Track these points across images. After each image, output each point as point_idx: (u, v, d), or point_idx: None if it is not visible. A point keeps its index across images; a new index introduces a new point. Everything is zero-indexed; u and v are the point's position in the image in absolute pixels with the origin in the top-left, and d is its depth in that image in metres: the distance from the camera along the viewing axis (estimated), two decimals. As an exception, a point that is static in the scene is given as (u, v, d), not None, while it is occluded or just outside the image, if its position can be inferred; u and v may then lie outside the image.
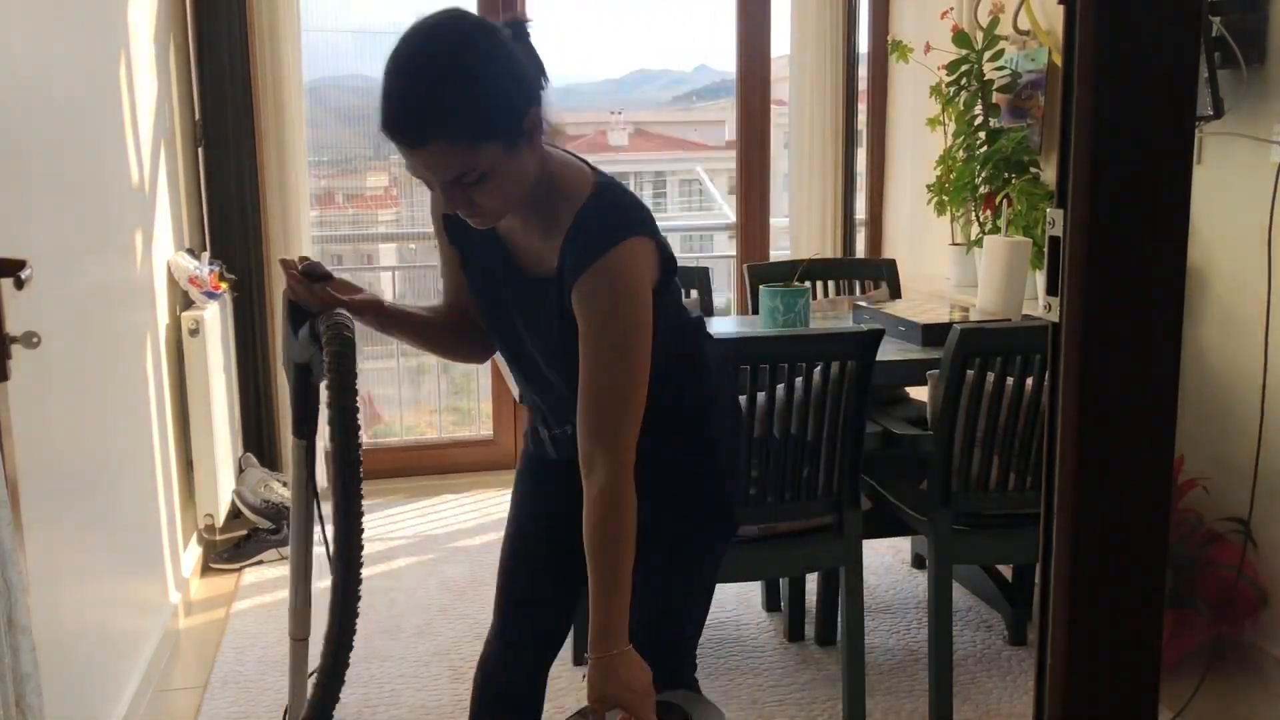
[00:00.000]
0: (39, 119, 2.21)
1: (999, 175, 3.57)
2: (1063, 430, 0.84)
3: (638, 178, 13.07)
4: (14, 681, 1.55)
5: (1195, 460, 2.82)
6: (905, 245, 4.48)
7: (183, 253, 3.50)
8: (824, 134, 4.41)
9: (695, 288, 3.52)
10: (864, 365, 2.36)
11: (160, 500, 3.04)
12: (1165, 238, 0.81)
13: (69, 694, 2.17)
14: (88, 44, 2.61)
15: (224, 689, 2.79)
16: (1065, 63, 0.82)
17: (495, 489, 4.32)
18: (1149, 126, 0.79)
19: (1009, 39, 3.68)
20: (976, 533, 2.56)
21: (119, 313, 2.76)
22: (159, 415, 3.09)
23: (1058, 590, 0.85)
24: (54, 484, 2.14)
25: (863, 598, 2.51)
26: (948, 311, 2.98)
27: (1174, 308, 0.82)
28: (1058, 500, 0.85)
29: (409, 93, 1.45)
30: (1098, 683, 0.86)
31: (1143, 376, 0.82)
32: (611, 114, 12.72)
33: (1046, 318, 0.87)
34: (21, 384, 1.87)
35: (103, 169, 2.69)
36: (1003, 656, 2.92)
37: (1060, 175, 0.83)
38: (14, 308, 1.79)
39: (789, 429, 2.36)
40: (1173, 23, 0.78)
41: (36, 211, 2.15)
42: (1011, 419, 2.48)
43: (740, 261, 4.58)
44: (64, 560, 2.19)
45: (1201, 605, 2.64)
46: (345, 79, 4.67)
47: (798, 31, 4.39)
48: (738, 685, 2.79)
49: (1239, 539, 2.67)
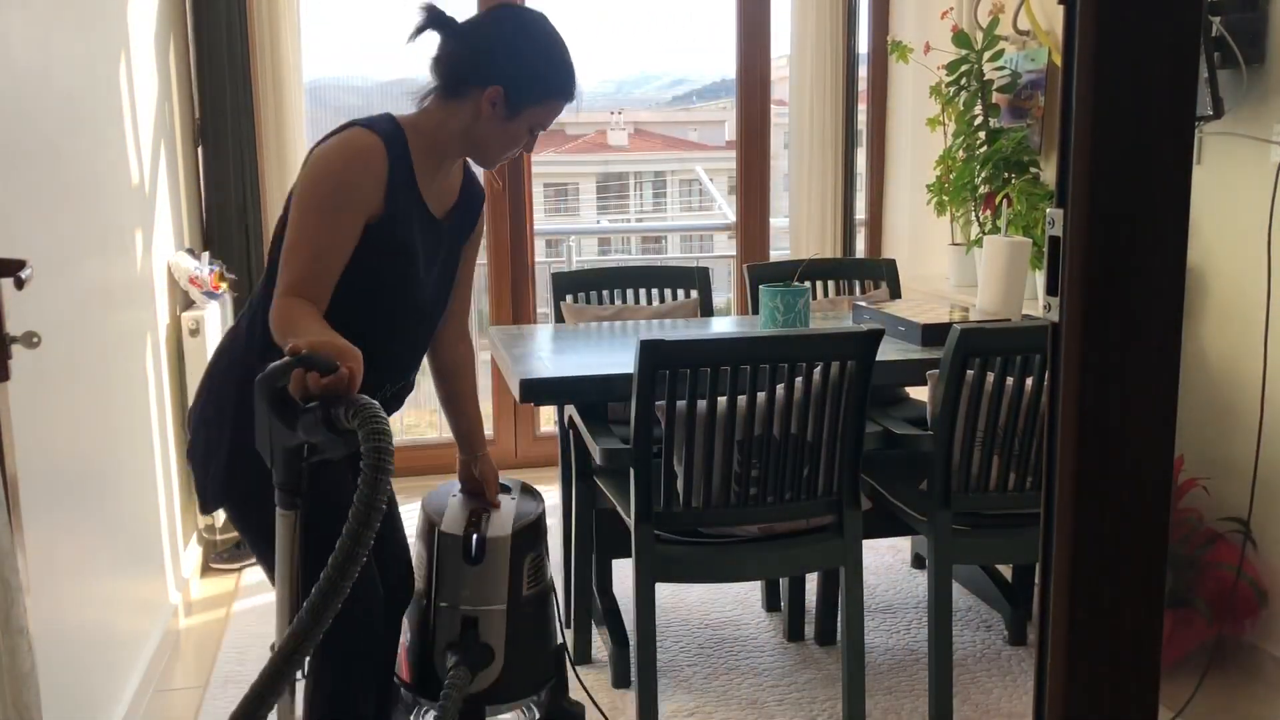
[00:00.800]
0: (39, 119, 2.21)
1: (999, 175, 3.57)
2: (1063, 430, 0.84)
3: (638, 178, 13.07)
4: (12, 681, 1.55)
5: (1195, 460, 2.82)
6: (905, 245, 4.48)
7: (183, 253, 3.50)
8: (824, 134, 4.41)
9: (695, 288, 3.53)
10: (864, 365, 2.36)
11: (160, 500, 3.04)
12: (1165, 238, 0.81)
13: (69, 694, 2.17)
14: (88, 44, 2.61)
15: (224, 689, 2.79)
16: (1065, 63, 0.82)
17: (495, 489, 4.32)
18: (1149, 126, 0.79)
19: (1009, 39, 3.68)
20: (976, 533, 2.56)
21: (119, 313, 2.76)
22: (159, 415, 3.09)
23: (1058, 590, 0.85)
24: (54, 484, 2.14)
25: (863, 598, 2.51)
26: (948, 311, 2.98)
27: (1174, 308, 0.82)
28: (1058, 500, 0.85)
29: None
30: (1098, 683, 0.86)
31: (1143, 376, 0.82)
32: (611, 114, 12.69)
33: (1046, 318, 0.87)
34: (21, 384, 1.87)
35: (103, 169, 2.69)
36: (1003, 656, 2.92)
37: (1060, 175, 0.83)
38: (14, 308, 1.79)
39: (789, 429, 2.36)
40: (1173, 23, 0.78)
41: (36, 211, 2.15)
42: (1011, 419, 2.48)
43: (740, 261, 4.59)
44: (64, 560, 2.19)
45: (1201, 605, 2.64)
46: (345, 79, 4.67)
47: (798, 31, 4.39)
48: (738, 685, 2.79)
49: (1239, 539, 2.67)
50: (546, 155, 12.56)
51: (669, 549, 2.42)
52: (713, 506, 2.38)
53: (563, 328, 3.25)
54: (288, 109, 3.93)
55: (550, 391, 2.60)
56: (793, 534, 2.50)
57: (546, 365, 2.70)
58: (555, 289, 3.44)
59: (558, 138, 12.96)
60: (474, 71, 1.85)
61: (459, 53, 1.86)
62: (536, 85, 1.87)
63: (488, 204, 3.34)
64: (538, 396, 2.60)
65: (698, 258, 5.48)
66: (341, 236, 1.76)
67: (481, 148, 1.92)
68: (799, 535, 2.50)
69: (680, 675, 2.84)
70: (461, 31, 1.87)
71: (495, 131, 1.88)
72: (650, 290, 3.54)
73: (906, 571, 3.50)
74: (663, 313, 3.47)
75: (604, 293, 3.49)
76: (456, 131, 1.89)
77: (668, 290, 3.55)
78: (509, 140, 1.91)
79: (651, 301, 3.54)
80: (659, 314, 3.46)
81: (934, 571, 2.53)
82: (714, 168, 10.88)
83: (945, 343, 2.45)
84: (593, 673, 2.85)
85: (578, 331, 3.18)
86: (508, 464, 4.48)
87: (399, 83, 4.59)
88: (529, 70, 1.86)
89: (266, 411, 1.50)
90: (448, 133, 1.89)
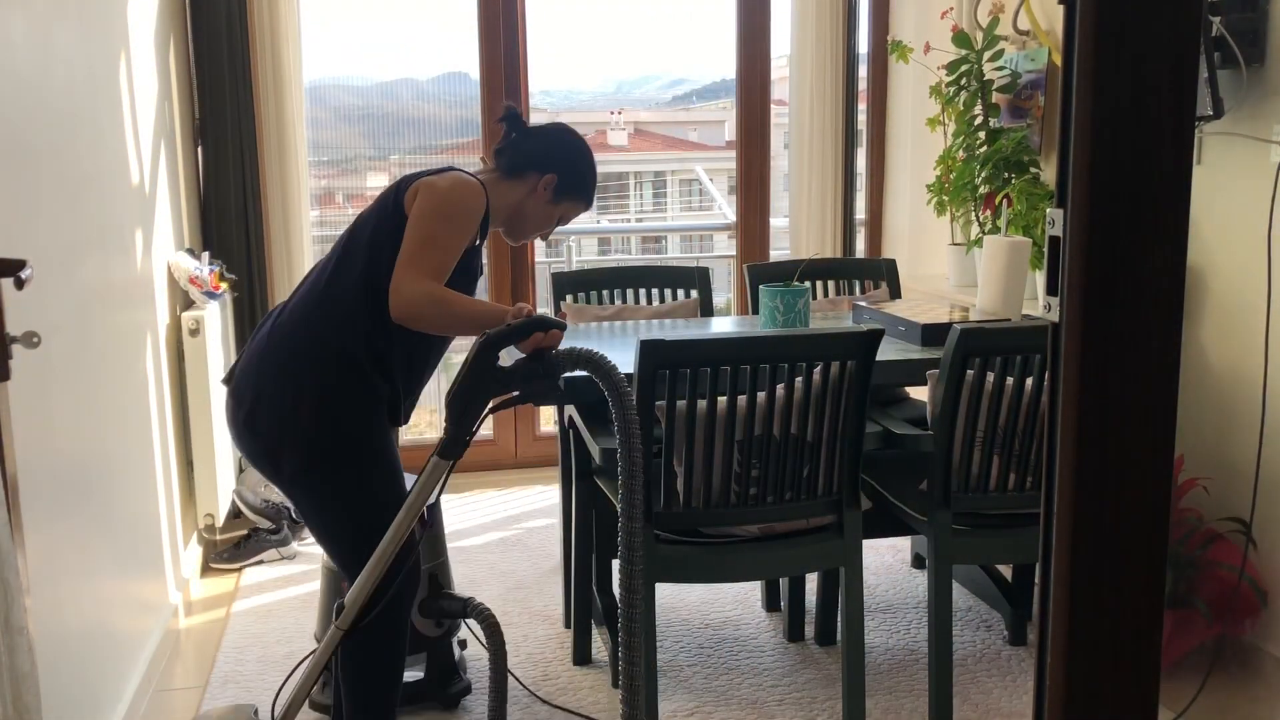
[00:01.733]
0: (39, 119, 2.21)
1: (999, 175, 3.57)
2: (1063, 430, 0.84)
3: (638, 178, 13.07)
4: (12, 681, 1.55)
5: (1195, 460, 2.82)
6: (905, 245, 4.48)
7: (183, 253, 3.50)
8: (824, 134, 4.41)
9: (695, 288, 3.53)
10: (864, 365, 2.36)
11: (160, 500, 3.04)
12: (1165, 238, 0.81)
13: (69, 694, 2.17)
14: (88, 44, 2.61)
15: (224, 689, 2.79)
16: (1065, 63, 0.82)
17: (495, 489, 4.33)
18: (1149, 126, 0.79)
19: (1009, 39, 3.68)
20: (976, 533, 2.56)
21: (119, 312, 2.76)
22: (159, 415, 3.09)
23: (1058, 590, 0.85)
24: (54, 484, 2.14)
25: (863, 598, 2.51)
26: (948, 311, 2.98)
27: (1174, 308, 0.82)
28: (1058, 500, 0.85)
29: None
30: (1098, 683, 0.86)
31: (1143, 376, 0.82)
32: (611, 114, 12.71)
33: (1046, 318, 0.87)
34: (21, 384, 1.87)
35: (103, 169, 2.69)
36: (1003, 656, 2.92)
37: (1060, 175, 0.83)
38: (14, 308, 1.79)
39: (789, 429, 2.36)
40: (1173, 23, 0.78)
41: (37, 211, 2.15)
42: (1011, 419, 2.48)
43: (740, 261, 4.59)
44: (64, 560, 2.19)
45: (1201, 605, 2.64)
46: (345, 79, 4.67)
47: (798, 31, 4.39)
48: (738, 685, 2.79)
49: (1239, 539, 2.67)
50: (546, 155, 12.48)
51: (669, 549, 2.42)
52: (713, 506, 2.38)
53: (563, 328, 3.24)
54: (288, 109, 3.93)
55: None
56: (793, 534, 2.50)
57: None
58: (555, 289, 3.44)
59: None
60: (538, 161, 2.34)
61: (526, 146, 2.35)
62: (579, 182, 2.38)
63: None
64: (538, 396, 2.60)
65: (698, 258, 5.48)
66: (459, 248, 2.17)
67: (521, 220, 2.38)
68: (799, 535, 2.50)
69: (680, 675, 2.84)
70: (530, 130, 2.39)
71: (540, 210, 2.37)
72: (650, 290, 3.54)
73: (906, 571, 3.50)
74: (663, 313, 3.47)
75: (604, 293, 3.49)
76: (512, 203, 2.35)
77: (668, 290, 3.55)
78: (545, 220, 2.39)
79: (651, 301, 3.54)
80: (659, 314, 3.46)
81: (934, 571, 2.53)
82: (714, 168, 10.88)
83: (945, 343, 2.45)
84: (593, 673, 2.85)
85: (578, 331, 3.18)
86: (508, 464, 4.49)
87: (399, 83, 4.59)
88: (578, 170, 2.38)
89: (485, 366, 1.86)
90: (504, 201, 2.34)
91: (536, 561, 3.61)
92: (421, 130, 4.43)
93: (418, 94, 4.56)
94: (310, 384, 2.12)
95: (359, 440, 2.14)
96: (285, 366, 2.14)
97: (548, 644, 3.01)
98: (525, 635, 3.07)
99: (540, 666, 2.88)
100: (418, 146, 4.44)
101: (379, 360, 2.15)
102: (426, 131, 4.45)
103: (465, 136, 4.44)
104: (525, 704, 2.70)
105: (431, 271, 2.10)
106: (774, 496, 2.40)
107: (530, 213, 2.37)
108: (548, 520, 3.95)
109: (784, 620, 3.07)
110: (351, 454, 2.13)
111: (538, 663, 2.91)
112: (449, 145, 4.50)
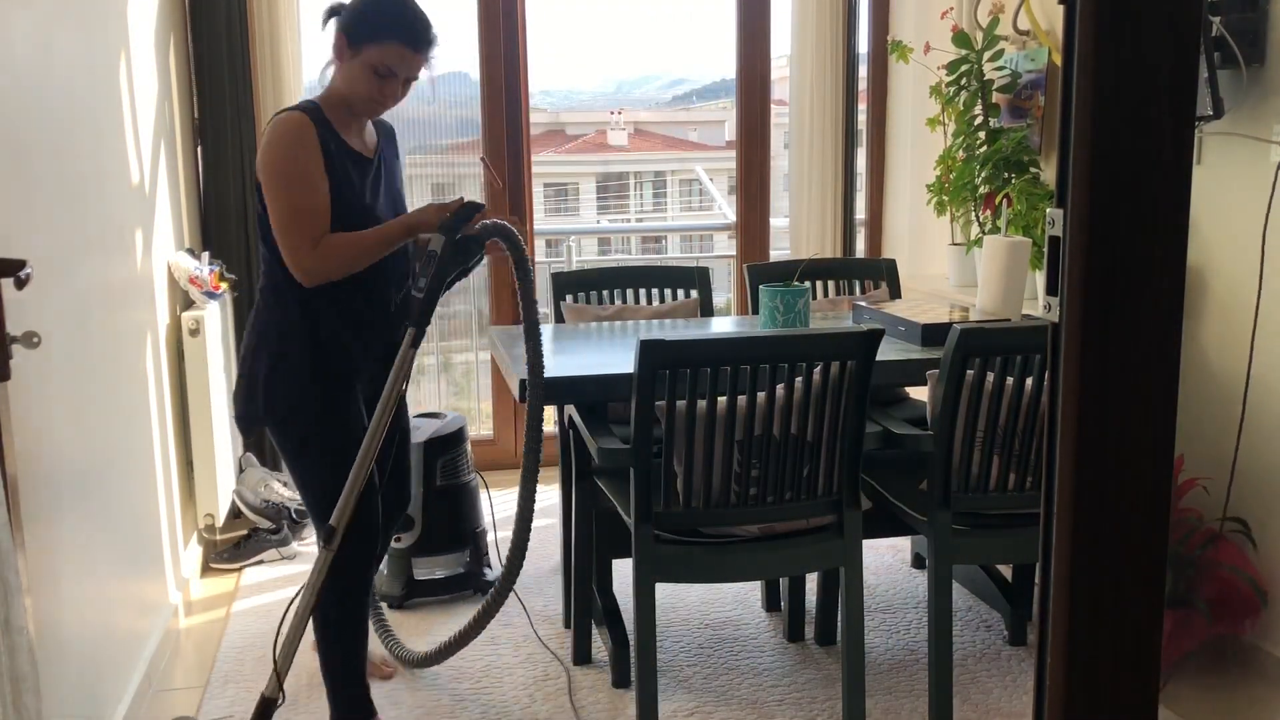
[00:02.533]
0: (39, 119, 2.21)
1: (999, 175, 3.57)
2: (1063, 430, 0.84)
3: (638, 178, 13.07)
4: (12, 682, 1.55)
5: (1195, 460, 2.82)
6: (905, 245, 4.48)
7: (183, 253, 3.50)
8: (824, 134, 4.41)
9: (695, 288, 3.52)
10: (864, 365, 2.36)
11: (160, 500, 3.04)
12: (1165, 238, 0.81)
13: (69, 694, 2.17)
14: (88, 44, 2.61)
15: (224, 689, 2.79)
16: (1065, 63, 0.82)
17: (495, 488, 4.32)
18: (1149, 126, 0.79)
19: (1009, 39, 3.68)
20: (976, 533, 2.56)
21: (119, 313, 2.76)
22: (159, 415, 3.09)
23: (1058, 590, 0.85)
24: (54, 484, 2.14)
25: (863, 598, 2.51)
26: (948, 311, 2.98)
27: (1174, 308, 0.82)
28: (1058, 500, 0.85)
29: (424, 13, 2.29)
30: (1098, 683, 0.86)
31: (1143, 376, 0.82)
32: (611, 114, 12.69)
33: (1046, 318, 0.87)
34: (21, 384, 1.87)
35: (103, 169, 2.69)
36: (1003, 656, 2.92)
37: (1060, 175, 0.83)
38: (14, 308, 1.79)
39: (789, 428, 2.36)
40: (1173, 23, 0.78)
41: (37, 211, 2.15)
42: (1011, 419, 2.48)
43: (740, 261, 4.59)
44: (64, 560, 2.19)
45: (1201, 605, 2.64)
46: (345, 79, 4.66)
47: (798, 31, 4.39)
48: (738, 685, 2.79)
49: (1239, 539, 2.67)
50: (546, 155, 12.55)
51: (669, 549, 2.42)
52: (713, 506, 2.38)
53: (563, 328, 3.25)
54: (288, 109, 3.93)
55: (550, 391, 2.60)
56: (793, 534, 2.50)
57: (546, 365, 2.70)
58: (555, 289, 3.44)
59: (558, 137, 12.96)
60: (335, 32, 2.27)
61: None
62: (365, 24, 2.23)
63: (488, 203, 4.14)
64: (538, 396, 2.60)
65: (698, 258, 5.48)
66: (313, 186, 2.21)
67: (347, 98, 2.29)
68: (799, 535, 2.50)
69: (680, 675, 2.84)
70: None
71: (351, 74, 2.26)
72: (650, 290, 3.54)
73: (906, 571, 3.50)
74: (663, 313, 3.47)
75: (604, 293, 3.49)
76: (336, 88, 2.30)
77: (668, 290, 3.55)
78: (361, 79, 2.26)
79: (651, 301, 3.54)
80: (659, 314, 3.46)
81: (934, 571, 2.53)
82: (714, 168, 10.88)
83: (945, 343, 2.45)
84: (593, 673, 2.85)
85: (578, 331, 3.18)
86: (508, 463, 4.48)
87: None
88: (360, 11, 2.25)
89: (454, 254, 2.18)
90: (333, 94, 2.30)
91: (536, 561, 3.61)
92: (421, 130, 4.43)
93: (417, 94, 4.55)
94: (265, 359, 2.34)
95: (315, 404, 2.35)
96: (253, 349, 2.38)
97: (548, 644, 3.01)
98: (525, 635, 3.07)
99: (540, 666, 2.89)
100: (418, 146, 4.43)
101: (337, 312, 2.32)
102: (426, 131, 4.44)
103: (465, 136, 4.44)
104: (525, 704, 2.70)
105: (306, 233, 2.19)
106: (774, 496, 2.40)
107: (348, 84, 2.28)
108: (548, 520, 3.95)
109: (784, 620, 3.07)
110: (310, 416, 2.35)
111: (538, 663, 2.91)
112: (449, 145, 4.50)
